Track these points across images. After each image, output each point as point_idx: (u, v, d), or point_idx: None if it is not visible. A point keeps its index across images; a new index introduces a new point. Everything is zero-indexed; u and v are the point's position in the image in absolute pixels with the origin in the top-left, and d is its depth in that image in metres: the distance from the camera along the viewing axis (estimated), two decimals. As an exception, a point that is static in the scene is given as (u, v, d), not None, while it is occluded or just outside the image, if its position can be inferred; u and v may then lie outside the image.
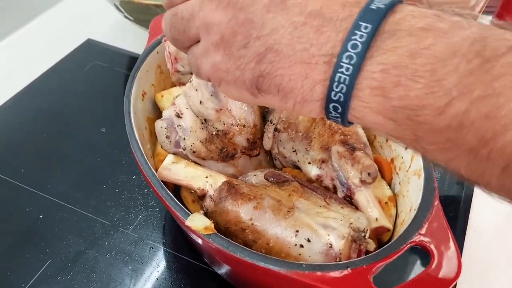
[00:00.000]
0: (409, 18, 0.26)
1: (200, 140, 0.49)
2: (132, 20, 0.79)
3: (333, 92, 0.28)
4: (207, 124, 0.49)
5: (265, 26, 0.29)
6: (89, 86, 0.81)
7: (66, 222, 0.60)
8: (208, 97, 0.48)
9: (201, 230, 0.41)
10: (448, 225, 0.40)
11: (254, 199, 0.46)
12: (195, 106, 0.50)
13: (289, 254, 0.43)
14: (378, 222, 0.45)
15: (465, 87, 0.23)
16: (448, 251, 0.38)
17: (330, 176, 0.49)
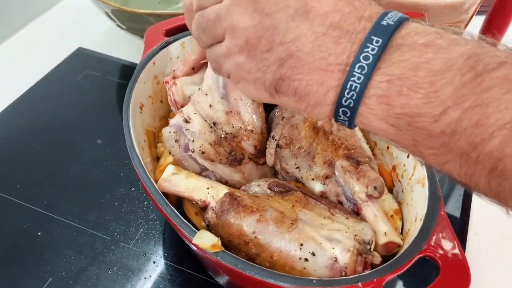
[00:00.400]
0: (413, 34, 0.29)
1: (209, 142, 0.50)
2: (124, 29, 0.78)
3: (344, 98, 0.30)
4: (216, 127, 0.50)
5: (289, 33, 0.31)
6: (82, 97, 0.80)
7: (66, 238, 0.59)
8: (219, 99, 0.49)
9: (208, 248, 0.40)
10: (455, 235, 0.41)
11: (257, 211, 0.45)
12: (203, 111, 0.50)
13: (294, 267, 0.43)
14: (388, 237, 0.44)
15: (459, 98, 0.27)
16: (456, 262, 0.38)
17: (335, 192, 0.48)
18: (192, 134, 0.50)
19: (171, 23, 0.65)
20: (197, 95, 0.51)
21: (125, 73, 0.85)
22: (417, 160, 0.48)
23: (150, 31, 0.64)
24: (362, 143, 0.50)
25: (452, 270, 0.38)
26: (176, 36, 0.63)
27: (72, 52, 0.89)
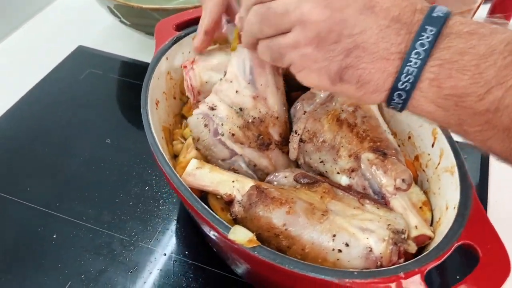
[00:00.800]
0: (458, 24, 0.33)
1: (238, 126, 0.49)
2: (128, 25, 0.77)
3: (401, 82, 0.33)
4: (243, 113, 0.50)
5: (357, 26, 0.34)
6: (86, 96, 0.78)
7: (82, 240, 0.58)
8: (245, 85, 0.49)
9: (245, 243, 0.39)
10: (490, 222, 0.40)
11: (286, 203, 0.45)
12: (228, 98, 0.50)
13: (326, 259, 0.42)
14: (418, 230, 0.44)
15: (501, 78, 0.30)
16: (495, 249, 0.38)
17: (361, 185, 0.48)
18: (220, 119, 0.49)
19: (181, 17, 0.64)
20: (220, 85, 0.51)
21: (129, 71, 0.84)
22: (443, 149, 0.48)
23: (160, 26, 0.63)
24: (388, 135, 0.50)
25: (491, 257, 0.38)
26: (187, 30, 0.62)
27: (73, 51, 0.87)
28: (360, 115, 0.51)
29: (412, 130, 0.54)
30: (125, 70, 0.84)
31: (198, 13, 0.65)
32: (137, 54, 0.86)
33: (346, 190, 0.47)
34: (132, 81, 0.81)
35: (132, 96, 0.78)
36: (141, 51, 0.87)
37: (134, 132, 0.72)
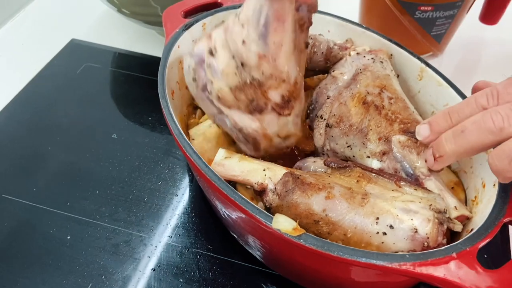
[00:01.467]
0: None
1: (230, 86, 0.44)
2: (127, 14, 0.73)
3: None
4: (243, 69, 0.43)
5: None
6: (86, 90, 0.75)
7: (98, 240, 0.55)
8: (254, 38, 0.42)
9: (290, 232, 0.38)
10: (533, 196, 0.40)
11: (324, 188, 0.43)
12: (234, 45, 0.43)
13: (370, 243, 0.41)
14: (458, 211, 0.43)
15: None
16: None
17: (393, 168, 0.47)
18: (213, 73, 0.44)
19: (188, 3, 0.62)
20: (233, 23, 0.43)
21: (128, 63, 0.80)
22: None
23: (167, 13, 0.60)
24: (417, 116, 0.49)
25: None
26: (196, 17, 0.60)
27: (66, 44, 0.83)
28: (386, 97, 0.50)
29: (436, 110, 0.53)
30: (123, 62, 0.80)
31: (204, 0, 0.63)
32: (134, 45, 0.83)
33: (379, 173, 0.46)
34: (132, 73, 0.78)
35: (134, 88, 0.76)
36: (138, 41, 0.84)
37: (140, 125, 0.69)
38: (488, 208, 0.40)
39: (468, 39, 0.86)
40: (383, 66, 0.52)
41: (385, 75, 0.51)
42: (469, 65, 0.82)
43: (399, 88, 0.52)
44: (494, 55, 0.84)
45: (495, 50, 0.85)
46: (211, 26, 0.61)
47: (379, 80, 0.51)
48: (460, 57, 0.83)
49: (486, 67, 0.81)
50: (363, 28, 0.59)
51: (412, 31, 0.73)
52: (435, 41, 0.77)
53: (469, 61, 0.83)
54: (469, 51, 0.85)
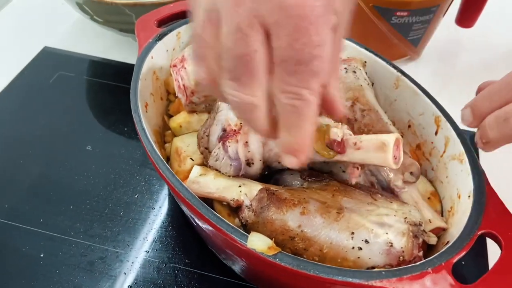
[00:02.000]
0: None
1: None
2: (101, 22, 0.72)
3: None
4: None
5: None
6: (59, 101, 0.73)
7: (72, 257, 0.54)
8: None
9: (265, 251, 0.37)
10: (506, 207, 0.40)
11: (299, 204, 0.43)
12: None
13: (346, 258, 0.41)
14: (433, 223, 0.43)
15: None
16: (516, 235, 0.38)
17: (369, 181, 0.47)
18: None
19: (161, 12, 0.60)
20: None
21: (102, 71, 0.79)
22: (448, 137, 0.48)
23: (140, 23, 0.59)
24: (390, 127, 0.49)
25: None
26: (170, 26, 0.59)
27: (38, 53, 0.81)
28: (359, 109, 0.49)
29: (412, 119, 0.53)
30: (98, 71, 0.79)
31: (179, 8, 0.62)
32: (109, 53, 0.81)
33: (355, 187, 0.46)
34: (107, 82, 0.76)
35: (109, 98, 0.74)
36: (113, 49, 0.82)
37: (115, 136, 0.68)
38: (463, 220, 0.40)
39: (446, 42, 0.87)
40: (356, 76, 0.52)
41: (358, 86, 0.51)
42: (447, 68, 0.83)
43: (372, 98, 0.52)
44: (470, 57, 0.85)
45: (471, 52, 0.86)
46: (186, 35, 0.60)
47: (352, 92, 0.51)
48: (438, 59, 0.84)
49: (463, 69, 0.82)
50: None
51: (389, 36, 0.73)
52: (412, 45, 0.77)
53: (447, 63, 0.83)
54: (447, 53, 0.85)
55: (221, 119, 0.46)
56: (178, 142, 0.52)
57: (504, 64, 0.83)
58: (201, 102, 0.54)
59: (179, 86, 0.53)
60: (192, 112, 0.56)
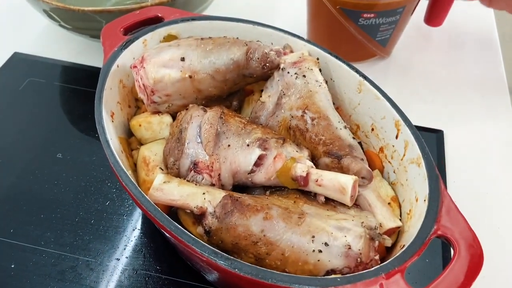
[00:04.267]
0: None
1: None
2: (69, 29, 0.71)
3: None
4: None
5: None
6: (29, 108, 0.73)
7: (43, 267, 0.54)
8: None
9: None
10: (460, 211, 0.42)
11: (262, 209, 0.44)
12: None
13: (307, 261, 0.42)
14: (384, 226, 0.45)
15: None
16: (467, 238, 0.40)
17: None
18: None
19: (127, 19, 0.60)
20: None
21: (74, 76, 0.78)
22: (407, 141, 0.49)
23: (106, 31, 0.59)
24: (340, 131, 0.49)
25: (465, 246, 0.39)
26: (136, 34, 0.59)
27: (8, 58, 0.80)
28: (309, 118, 0.50)
29: (374, 122, 0.55)
30: (69, 76, 0.78)
31: (145, 15, 0.62)
32: (80, 57, 0.81)
33: (315, 195, 0.47)
34: (79, 87, 0.76)
35: (80, 104, 0.74)
36: (84, 53, 0.82)
37: (87, 143, 0.68)
38: (418, 224, 0.42)
39: (415, 40, 0.88)
40: (305, 81, 0.53)
41: (307, 92, 0.52)
42: (417, 66, 0.84)
43: (324, 102, 0.52)
44: (439, 54, 0.86)
45: (440, 50, 0.87)
46: (153, 42, 0.60)
47: (302, 99, 0.51)
48: (407, 58, 0.85)
49: (432, 67, 0.83)
50: (304, 41, 0.59)
51: (358, 37, 0.74)
52: (381, 45, 0.78)
53: (417, 61, 0.85)
54: (416, 52, 0.87)
55: (190, 153, 0.47)
56: (145, 151, 0.53)
57: (473, 59, 0.85)
58: (163, 102, 0.54)
59: (140, 86, 0.53)
60: (156, 113, 0.56)
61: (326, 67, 0.58)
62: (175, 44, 0.55)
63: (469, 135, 0.72)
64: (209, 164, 0.47)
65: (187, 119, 0.49)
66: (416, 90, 0.79)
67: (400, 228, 0.47)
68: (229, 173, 0.48)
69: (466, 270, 0.38)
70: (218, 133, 0.48)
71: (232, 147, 0.48)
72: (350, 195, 0.44)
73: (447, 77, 0.82)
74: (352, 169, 0.46)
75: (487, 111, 0.76)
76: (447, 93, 0.79)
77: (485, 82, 0.81)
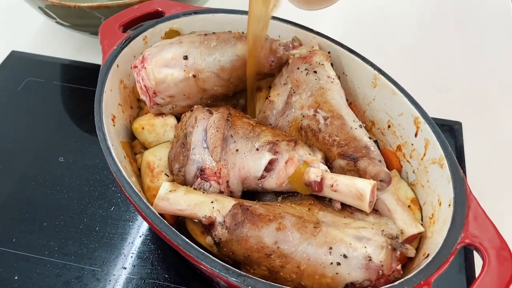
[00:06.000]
0: None
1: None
2: (67, 26, 0.68)
3: None
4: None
5: None
6: (29, 109, 0.70)
7: (47, 278, 0.52)
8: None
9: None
10: (488, 216, 0.39)
11: (274, 219, 0.41)
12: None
13: (324, 274, 0.39)
14: (405, 233, 0.42)
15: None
16: (497, 247, 0.37)
17: None
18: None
19: (126, 15, 0.57)
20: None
21: (74, 75, 0.76)
22: (428, 139, 0.46)
23: (104, 29, 0.56)
24: (355, 131, 0.46)
25: (495, 255, 0.36)
26: (136, 31, 0.56)
27: (6, 57, 0.77)
28: (321, 117, 0.47)
29: (391, 119, 0.51)
30: (69, 75, 0.76)
31: (145, 9, 0.59)
32: (80, 54, 0.78)
33: (330, 200, 0.44)
34: (79, 86, 0.73)
35: (81, 103, 0.71)
36: (84, 50, 0.79)
37: (89, 145, 0.65)
38: (444, 230, 0.39)
39: (429, 25, 0.84)
40: (316, 77, 0.49)
41: (319, 89, 0.49)
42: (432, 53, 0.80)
43: (336, 100, 0.49)
44: (455, 41, 0.82)
45: (456, 36, 0.83)
46: (154, 38, 0.57)
47: (313, 97, 0.48)
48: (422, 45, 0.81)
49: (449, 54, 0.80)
50: (314, 33, 0.56)
51: None
52: None
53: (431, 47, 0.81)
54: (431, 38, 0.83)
55: (196, 159, 0.45)
56: (149, 156, 0.50)
57: (490, 47, 0.81)
58: (167, 103, 0.51)
59: (141, 87, 0.50)
60: (159, 115, 0.53)
61: (338, 61, 0.55)
62: (177, 41, 0.52)
63: (488, 126, 0.68)
64: (216, 170, 0.44)
65: (192, 123, 0.47)
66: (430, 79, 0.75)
67: (422, 234, 0.44)
68: (238, 179, 0.45)
69: (497, 281, 0.35)
70: (225, 137, 0.45)
71: (240, 152, 0.45)
72: (369, 201, 0.41)
73: (463, 65, 0.78)
74: (369, 172, 0.43)
75: (507, 100, 0.72)
76: (464, 82, 0.75)
77: (503, 70, 0.77)
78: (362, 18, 0.85)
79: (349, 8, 0.84)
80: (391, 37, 0.83)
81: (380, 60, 0.54)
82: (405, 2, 0.90)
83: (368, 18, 0.86)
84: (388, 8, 0.89)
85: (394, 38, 0.83)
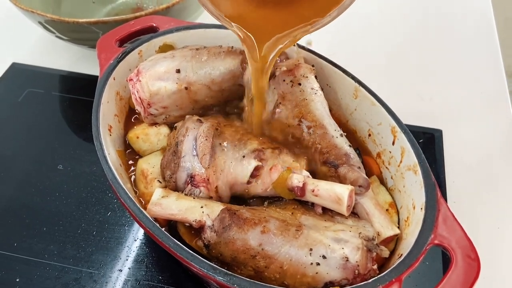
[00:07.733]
0: None
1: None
2: (66, 40, 0.72)
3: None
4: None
5: None
6: (29, 119, 0.73)
7: (47, 280, 0.55)
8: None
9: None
10: (456, 219, 0.42)
11: (260, 222, 0.44)
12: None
13: (305, 274, 0.42)
14: (382, 235, 0.45)
15: None
16: (464, 247, 0.40)
17: None
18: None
19: (122, 31, 0.61)
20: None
21: (73, 86, 0.79)
22: (404, 148, 0.49)
23: (101, 43, 0.59)
24: (336, 140, 0.50)
25: (462, 256, 0.39)
26: (132, 45, 0.59)
27: (6, 69, 0.81)
28: (305, 127, 0.51)
29: (371, 128, 0.55)
30: (68, 86, 0.79)
31: (140, 25, 0.62)
32: (78, 66, 0.81)
33: (312, 205, 0.48)
34: (78, 96, 0.76)
35: (79, 113, 0.74)
36: (82, 61, 0.82)
37: (87, 153, 0.68)
38: (416, 232, 0.42)
39: (411, 36, 0.88)
40: (301, 89, 0.53)
41: (303, 100, 0.52)
42: (413, 61, 0.83)
43: (319, 111, 0.52)
44: (437, 50, 0.86)
45: (437, 46, 0.87)
46: (148, 52, 0.60)
47: (298, 108, 0.51)
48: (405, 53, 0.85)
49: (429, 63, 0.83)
50: (299, 47, 0.59)
51: None
52: None
53: (414, 57, 0.84)
54: (413, 47, 0.86)
55: (186, 166, 0.48)
56: (143, 164, 0.53)
57: (471, 55, 0.84)
58: (160, 113, 0.54)
59: (136, 99, 0.53)
60: (153, 124, 0.56)
61: (321, 73, 0.58)
62: (170, 55, 0.55)
63: (468, 134, 0.71)
64: (205, 177, 0.47)
65: (183, 132, 0.50)
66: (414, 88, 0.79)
67: (398, 235, 0.47)
68: (226, 185, 0.48)
69: (463, 280, 0.38)
70: (213, 145, 0.48)
71: (228, 159, 0.48)
72: (347, 205, 0.44)
73: (444, 74, 0.82)
74: (349, 178, 0.47)
75: (486, 108, 0.76)
76: (446, 91, 0.78)
77: (484, 79, 0.80)
78: (345, 27, 0.88)
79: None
80: (374, 46, 0.87)
81: (364, 69, 0.57)
82: (388, 11, 0.94)
83: (351, 27, 0.89)
84: (372, 17, 0.93)
85: (378, 47, 0.86)
